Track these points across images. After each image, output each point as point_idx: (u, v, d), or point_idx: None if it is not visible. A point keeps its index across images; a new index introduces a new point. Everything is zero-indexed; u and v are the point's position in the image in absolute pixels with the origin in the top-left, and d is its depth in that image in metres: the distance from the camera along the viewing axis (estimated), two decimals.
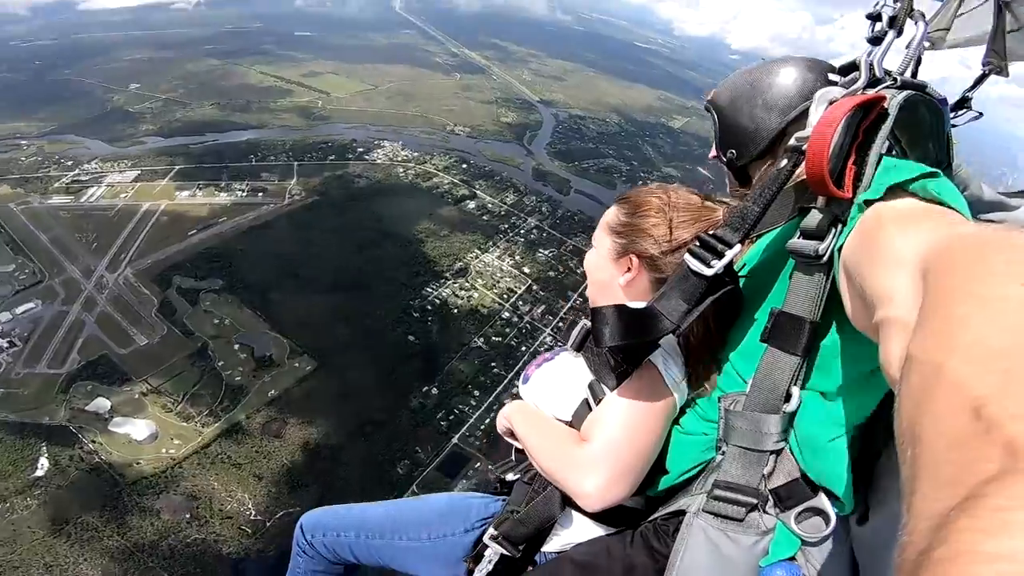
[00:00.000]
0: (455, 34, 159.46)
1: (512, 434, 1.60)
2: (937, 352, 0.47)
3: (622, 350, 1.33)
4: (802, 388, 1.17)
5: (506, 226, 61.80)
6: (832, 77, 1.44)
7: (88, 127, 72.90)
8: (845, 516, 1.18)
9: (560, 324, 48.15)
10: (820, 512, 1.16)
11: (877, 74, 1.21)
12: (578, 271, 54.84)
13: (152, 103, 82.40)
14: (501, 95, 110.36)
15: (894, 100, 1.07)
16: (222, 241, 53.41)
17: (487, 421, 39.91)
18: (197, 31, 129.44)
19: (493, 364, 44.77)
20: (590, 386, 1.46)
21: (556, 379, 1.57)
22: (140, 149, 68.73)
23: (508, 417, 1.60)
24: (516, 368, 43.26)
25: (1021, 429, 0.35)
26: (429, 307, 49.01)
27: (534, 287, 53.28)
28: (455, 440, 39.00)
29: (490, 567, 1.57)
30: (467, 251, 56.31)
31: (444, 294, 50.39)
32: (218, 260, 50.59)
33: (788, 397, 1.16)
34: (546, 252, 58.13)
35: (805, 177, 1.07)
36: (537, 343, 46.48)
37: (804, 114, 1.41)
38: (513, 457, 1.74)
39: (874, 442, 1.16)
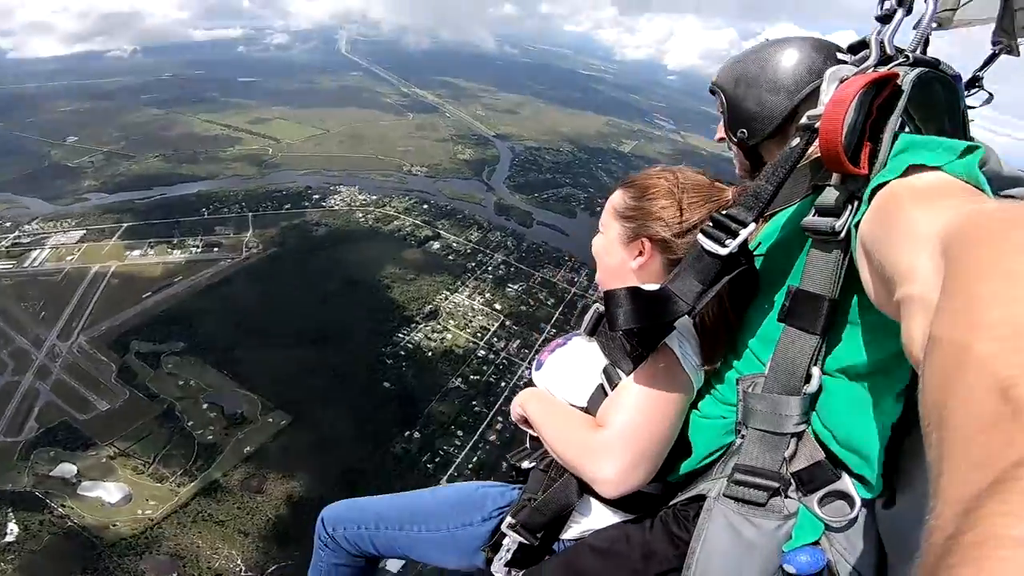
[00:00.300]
0: (405, 74, 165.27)
1: (526, 421, 1.63)
2: (961, 331, 0.47)
3: (637, 333, 1.31)
4: (824, 368, 1.19)
5: (473, 264, 64.52)
6: (841, 56, 1.51)
7: (25, 184, 72.22)
8: (871, 500, 1.20)
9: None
10: (844, 496, 1.18)
11: (888, 52, 1.25)
12: (549, 303, 57.95)
13: (93, 157, 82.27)
14: (456, 132, 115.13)
15: (907, 77, 1.10)
16: (179, 302, 53.81)
17: (474, 460, 41.91)
18: (135, 79, 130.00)
19: (474, 403, 46.76)
20: (605, 371, 1.48)
21: (570, 365, 1.60)
22: (84, 207, 68.64)
23: (522, 404, 1.63)
24: (497, 405, 45.58)
25: None
26: (402, 352, 50.75)
27: (507, 322, 55.92)
28: (443, 481, 40.45)
29: (509, 556, 1.62)
30: (436, 293, 58.53)
31: (416, 338, 52.32)
32: (177, 322, 50.97)
33: (808, 378, 1.18)
34: (515, 287, 61.11)
35: (819, 155, 1.10)
36: (516, 377, 48.85)
37: (815, 93, 1.46)
38: (528, 444, 1.78)
39: (900, 423, 1.17)
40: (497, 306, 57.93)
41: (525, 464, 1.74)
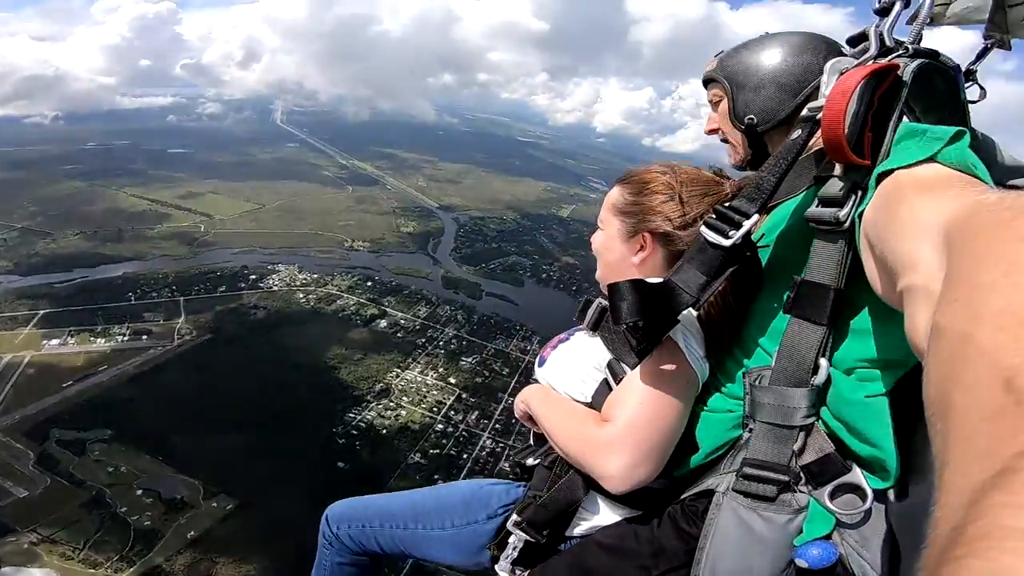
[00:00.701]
0: (343, 145, 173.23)
1: (530, 418, 1.71)
2: (964, 321, 0.49)
3: (641, 327, 1.33)
4: (832, 359, 1.25)
5: (423, 340, 67.46)
6: (844, 50, 1.58)
7: None
8: (883, 492, 1.23)
9: (497, 426, 53.41)
10: (855, 488, 1.22)
11: (888, 44, 1.32)
12: (504, 372, 61.55)
13: (5, 234, 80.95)
14: (399, 205, 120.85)
15: (908, 68, 1.19)
16: (105, 390, 53.34)
17: None
18: (55, 148, 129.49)
19: (436, 476, 48.10)
20: (609, 366, 1.56)
21: (573, 360, 1.66)
22: None
23: (526, 400, 1.70)
24: (462, 475, 47.65)
25: None
26: (355, 432, 52.36)
27: (463, 395, 58.47)
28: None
29: (515, 554, 1.68)
30: (386, 371, 60.73)
31: (369, 417, 54.13)
32: (103, 410, 50.67)
33: (816, 369, 1.24)
34: (469, 359, 64.44)
35: (821, 147, 1.20)
36: (478, 448, 51.57)
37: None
38: (532, 441, 1.84)
39: (910, 412, 1.19)
40: (452, 380, 60.75)
41: (530, 461, 1.78)
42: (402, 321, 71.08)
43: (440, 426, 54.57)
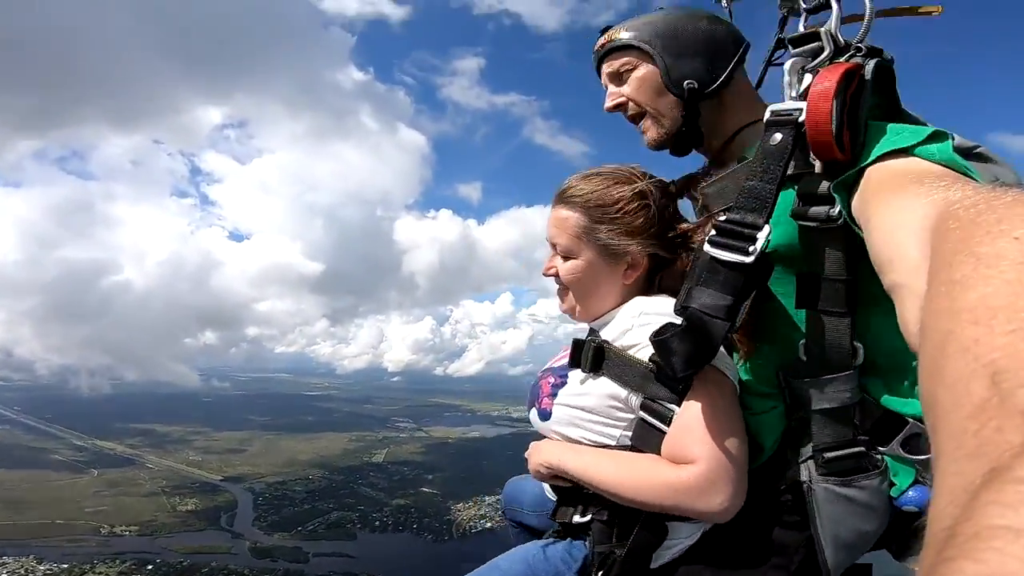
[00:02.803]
0: (77, 425, 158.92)
1: (555, 476, 1.84)
2: (944, 318, 0.56)
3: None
4: (866, 339, 1.50)
5: None
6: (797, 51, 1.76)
7: None
8: None
9: None
10: (921, 435, 1.47)
11: (840, 44, 1.58)
12: None
13: None
14: (168, 483, 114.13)
15: (868, 67, 1.46)
16: None
17: None
18: None
19: None
20: (644, 406, 1.69)
21: (586, 406, 1.78)
22: None
23: (550, 462, 1.81)
24: None
25: None
26: None
27: None
28: None
29: None
30: None
31: None
32: None
33: (854, 352, 1.50)
34: None
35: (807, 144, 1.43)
36: None
37: (739, 64, 1.88)
38: (555, 497, 1.96)
39: None
40: None
41: (577, 519, 1.88)
42: None
43: None
